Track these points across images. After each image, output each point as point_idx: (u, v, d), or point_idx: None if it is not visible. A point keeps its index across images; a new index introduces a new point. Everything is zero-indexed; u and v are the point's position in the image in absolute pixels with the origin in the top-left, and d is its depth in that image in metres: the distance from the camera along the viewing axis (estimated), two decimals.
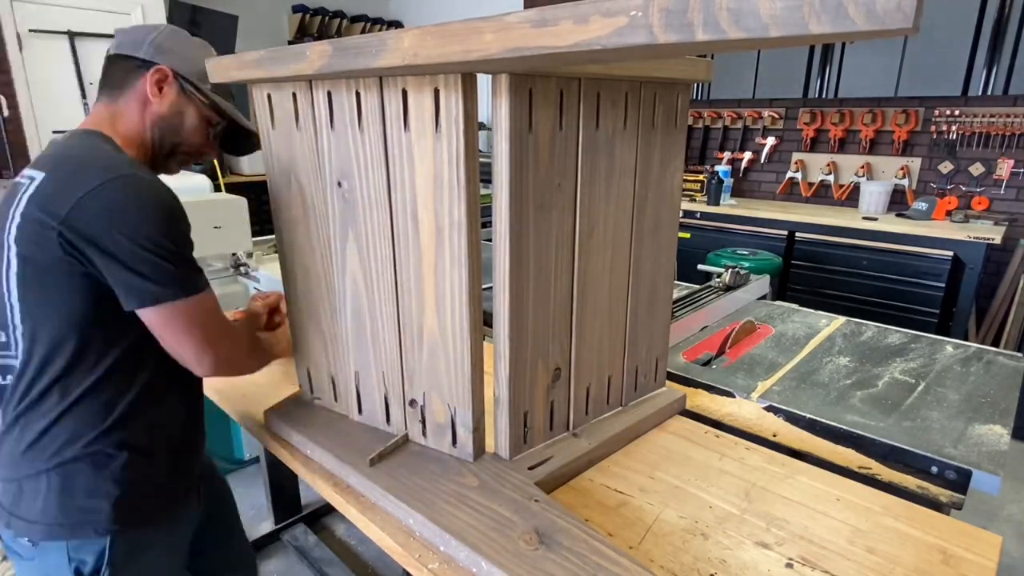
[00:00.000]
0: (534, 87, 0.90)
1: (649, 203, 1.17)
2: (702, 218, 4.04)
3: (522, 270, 0.97)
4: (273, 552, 2.23)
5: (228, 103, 1.15)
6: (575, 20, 0.59)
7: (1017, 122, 3.39)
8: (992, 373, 1.52)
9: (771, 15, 0.47)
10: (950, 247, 3.19)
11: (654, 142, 1.14)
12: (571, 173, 1.01)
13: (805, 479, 1.09)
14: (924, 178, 3.78)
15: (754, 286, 2.16)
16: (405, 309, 1.05)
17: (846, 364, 1.57)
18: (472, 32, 0.69)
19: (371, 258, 1.07)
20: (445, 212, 0.94)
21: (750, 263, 3.19)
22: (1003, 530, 2.39)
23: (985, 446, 1.17)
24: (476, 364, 1.01)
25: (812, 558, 0.89)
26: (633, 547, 0.92)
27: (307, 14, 5.47)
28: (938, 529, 0.96)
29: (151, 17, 4.06)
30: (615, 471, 1.11)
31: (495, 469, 1.04)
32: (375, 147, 0.99)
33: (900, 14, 0.41)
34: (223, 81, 1.12)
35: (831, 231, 3.56)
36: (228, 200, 2.29)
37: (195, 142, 1.13)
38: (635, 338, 1.24)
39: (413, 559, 0.89)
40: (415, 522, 0.95)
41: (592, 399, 1.20)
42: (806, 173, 4.22)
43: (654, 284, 1.25)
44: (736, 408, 1.38)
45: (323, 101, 1.03)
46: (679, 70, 1.08)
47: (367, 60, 0.83)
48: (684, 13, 0.51)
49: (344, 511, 1.04)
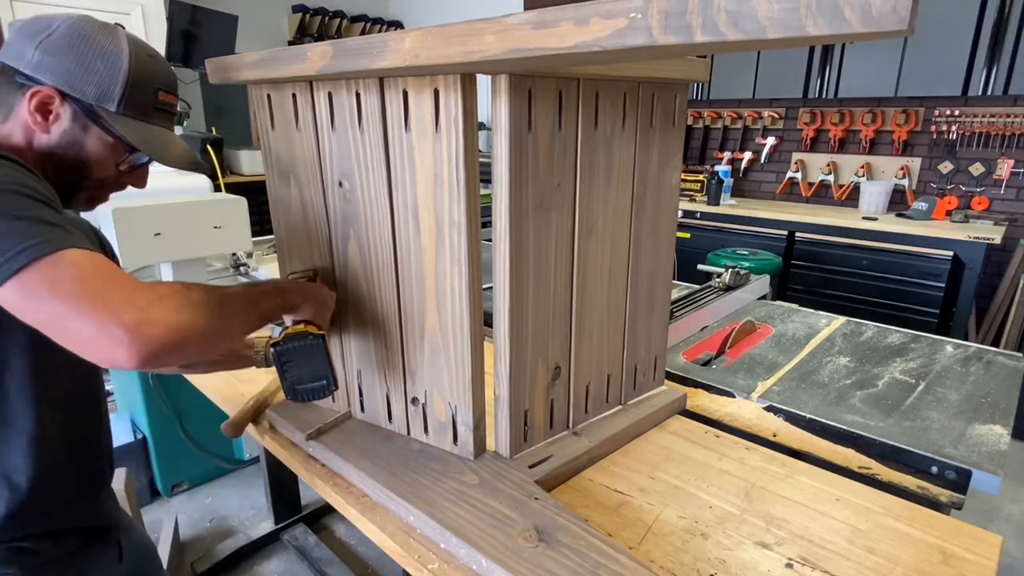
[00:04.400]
0: (534, 87, 0.90)
1: (648, 202, 1.18)
2: (702, 218, 4.05)
3: (522, 269, 0.97)
4: (273, 552, 2.23)
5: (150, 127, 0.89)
6: (575, 22, 0.59)
7: (1017, 122, 3.39)
8: (992, 373, 1.52)
9: (768, 17, 0.47)
10: (950, 247, 3.19)
11: (652, 142, 1.14)
12: (570, 173, 1.01)
13: (805, 479, 1.09)
14: (924, 178, 3.78)
15: (754, 286, 2.17)
16: (406, 308, 1.06)
17: (846, 364, 1.57)
18: (473, 33, 0.69)
19: (372, 257, 1.07)
20: (445, 212, 0.94)
21: (750, 263, 3.20)
22: (1003, 530, 2.40)
23: (985, 446, 1.17)
24: (477, 363, 1.01)
25: (812, 558, 0.89)
26: (633, 547, 0.92)
27: (307, 14, 5.48)
28: (938, 529, 0.96)
29: (151, 17, 4.05)
30: (615, 471, 1.12)
31: (495, 467, 1.04)
32: (376, 147, 0.99)
33: (895, 16, 0.42)
34: (222, 82, 1.12)
35: (831, 231, 3.56)
36: (228, 200, 2.29)
37: (104, 176, 0.90)
38: (634, 336, 1.25)
39: (413, 559, 0.89)
40: (415, 519, 0.95)
41: (592, 397, 1.20)
42: (806, 173, 4.22)
43: (653, 282, 1.25)
44: (736, 408, 1.38)
45: (324, 102, 1.03)
46: (677, 70, 1.09)
47: (368, 61, 0.83)
48: (683, 15, 0.51)
49: (343, 511, 1.04)
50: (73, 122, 0.85)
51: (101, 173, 0.89)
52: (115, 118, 0.86)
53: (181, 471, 2.51)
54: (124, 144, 0.88)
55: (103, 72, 0.84)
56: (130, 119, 0.87)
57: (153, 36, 4.02)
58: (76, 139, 0.86)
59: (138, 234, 2.06)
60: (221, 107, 5.02)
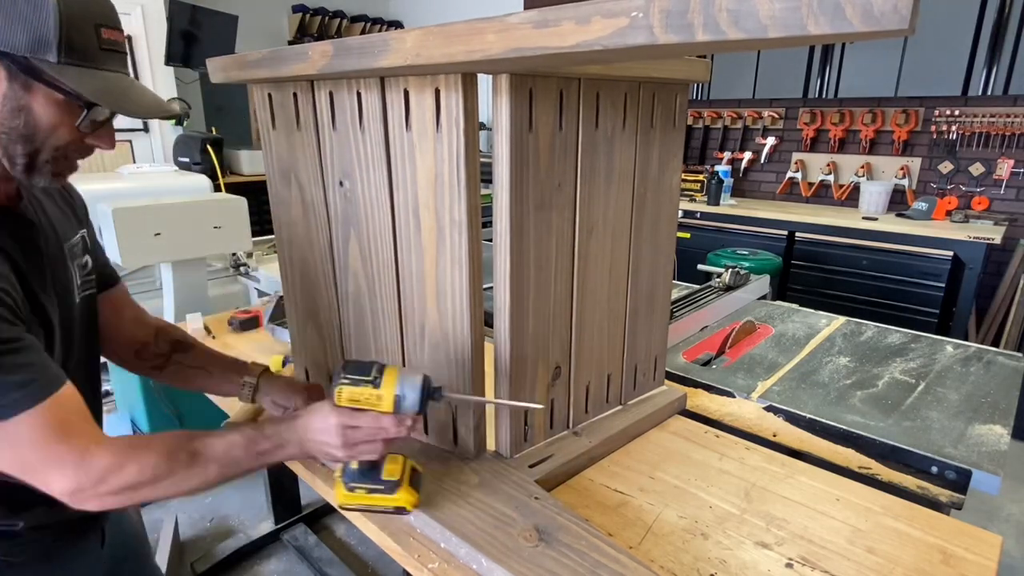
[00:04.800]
0: (534, 87, 0.90)
1: (648, 202, 1.18)
2: (702, 218, 4.05)
3: (522, 269, 0.97)
4: (273, 552, 2.23)
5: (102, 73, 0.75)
6: (577, 21, 0.59)
7: (1017, 122, 3.39)
8: (992, 373, 1.52)
9: (770, 16, 0.47)
10: (950, 247, 3.19)
11: (653, 142, 1.14)
12: (571, 173, 1.01)
13: (805, 479, 1.09)
14: (924, 178, 3.78)
15: (754, 286, 2.17)
16: (407, 308, 1.06)
17: (846, 364, 1.57)
18: (474, 33, 0.69)
19: (373, 257, 1.07)
20: (446, 211, 0.94)
21: (750, 263, 3.20)
22: (1003, 530, 2.40)
23: (985, 446, 1.17)
24: (477, 362, 1.01)
25: (812, 558, 0.89)
26: (633, 547, 0.92)
27: (307, 14, 5.48)
28: (938, 529, 0.96)
29: (151, 17, 4.05)
30: (615, 471, 1.12)
31: (496, 467, 1.04)
32: (377, 147, 0.99)
33: (896, 15, 0.42)
34: (224, 82, 1.12)
35: (831, 231, 3.56)
36: (228, 200, 2.29)
37: (63, 143, 0.77)
38: (634, 336, 1.25)
39: (413, 559, 0.89)
40: (415, 518, 0.95)
41: (592, 397, 1.20)
42: (806, 173, 4.22)
43: (653, 282, 1.25)
44: (736, 408, 1.38)
45: (325, 101, 1.03)
46: (677, 70, 1.09)
47: (369, 60, 0.83)
48: (684, 14, 0.51)
49: None
50: (11, 83, 0.71)
51: (59, 139, 0.76)
52: (59, 69, 0.71)
53: None
54: (77, 99, 0.73)
55: (28, 14, 0.68)
56: (76, 67, 0.72)
57: (153, 36, 4.03)
58: (20, 103, 0.72)
59: (138, 234, 2.06)
60: (221, 107, 5.02)
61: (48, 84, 0.72)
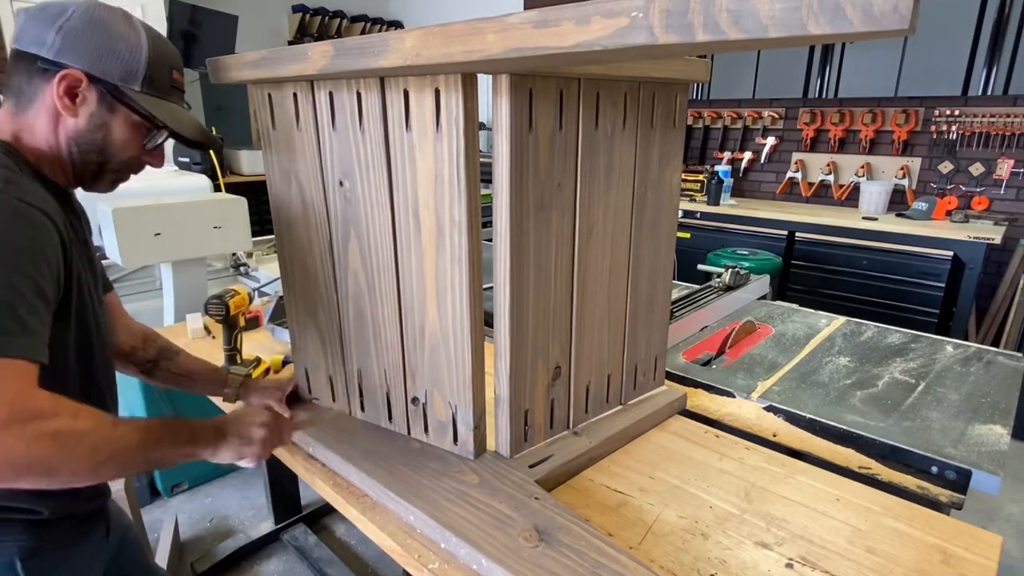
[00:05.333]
0: (534, 87, 0.90)
1: (648, 202, 1.18)
2: (702, 218, 4.05)
3: (522, 269, 0.97)
4: (273, 552, 2.23)
5: (170, 104, 0.93)
6: (577, 21, 0.59)
7: (1017, 122, 3.39)
8: (992, 373, 1.52)
9: (770, 16, 0.47)
10: (950, 247, 3.19)
11: (653, 142, 1.14)
12: (571, 173, 1.01)
13: (805, 479, 1.09)
14: (924, 178, 3.78)
15: (754, 286, 2.17)
16: (407, 308, 1.06)
17: (846, 364, 1.57)
18: (474, 33, 0.69)
19: (373, 257, 1.07)
20: (446, 211, 0.94)
21: (750, 263, 3.20)
22: (1003, 530, 2.40)
23: (985, 446, 1.17)
24: (477, 362, 1.01)
25: (812, 558, 0.89)
26: (633, 547, 0.92)
27: (307, 14, 5.48)
28: (938, 529, 0.96)
29: (151, 17, 4.04)
30: (615, 471, 1.12)
31: (496, 467, 1.04)
32: (377, 147, 0.99)
33: (897, 15, 0.42)
34: (223, 82, 1.12)
35: (831, 231, 3.56)
36: (228, 200, 2.29)
37: (127, 157, 0.92)
38: (634, 336, 1.25)
39: (413, 559, 0.89)
40: (415, 519, 0.95)
41: (592, 397, 1.20)
42: (806, 173, 4.22)
43: (653, 282, 1.25)
44: (736, 408, 1.38)
45: (325, 101, 1.03)
46: (677, 70, 1.09)
47: (369, 60, 0.83)
48: (684, 14, 0.52)
49: (344, 511, 1.04)
50: (100, 104, 0.87)
51: (126, 154, 0.92)
52: (139, 97, 0.88)
53: (181, 471, 2.51)
54: (150, 122, 0.90)
55: (126, 53, 0.86)
56: (152, 97, 0.89)
57: None
58: (103, 120, 0.88)
59: (138, 234, 2.06)
60: (221, 107, 5.02)
61: (129, 107, 0.88)
